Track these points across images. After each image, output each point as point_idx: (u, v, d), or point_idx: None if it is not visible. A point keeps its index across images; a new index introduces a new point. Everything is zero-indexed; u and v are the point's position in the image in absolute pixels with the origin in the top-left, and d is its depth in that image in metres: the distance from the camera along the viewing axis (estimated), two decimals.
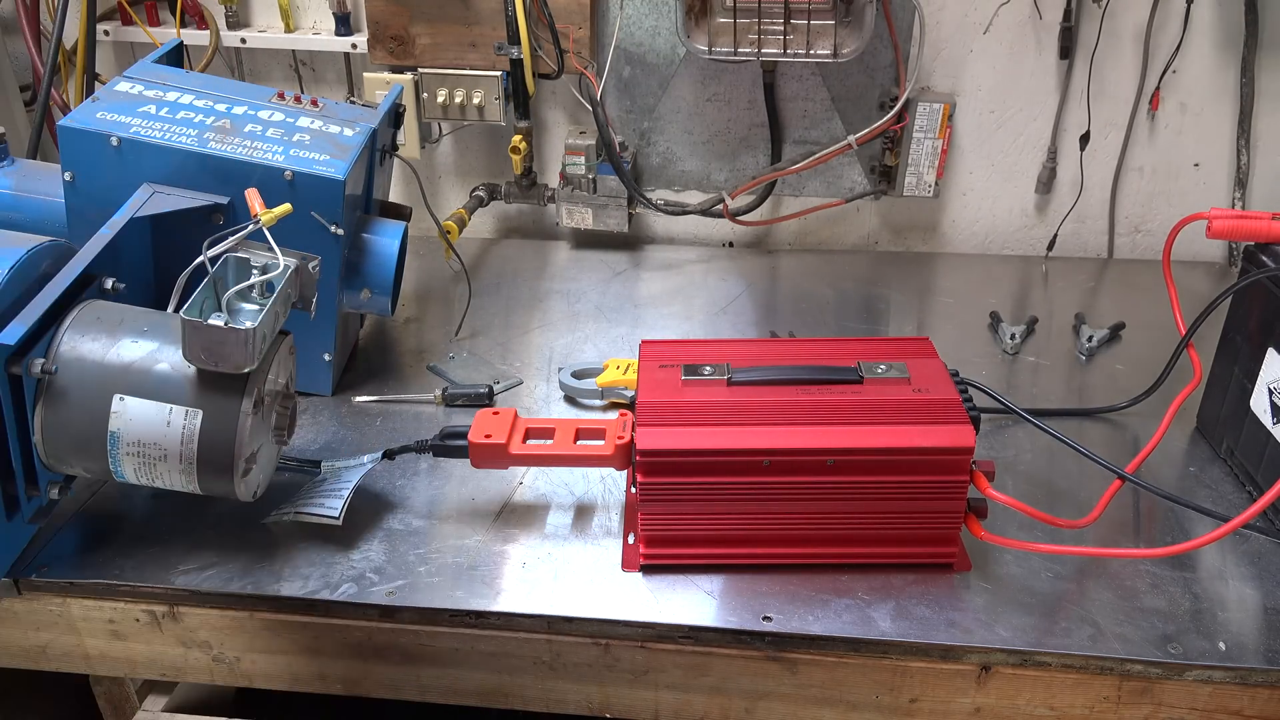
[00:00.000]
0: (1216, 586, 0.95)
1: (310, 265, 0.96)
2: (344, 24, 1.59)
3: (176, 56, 1.31)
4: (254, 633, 0.97)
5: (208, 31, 1.60)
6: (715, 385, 0.97)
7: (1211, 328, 1.10)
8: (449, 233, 1.54)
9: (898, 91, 1.54)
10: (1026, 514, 0.92)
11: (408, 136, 1.60)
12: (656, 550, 0.96)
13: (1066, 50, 1.53)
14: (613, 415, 1.19)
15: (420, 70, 1.57)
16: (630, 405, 1.01)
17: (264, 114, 1.16)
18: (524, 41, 1.51)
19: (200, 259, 0.89)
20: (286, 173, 1.09)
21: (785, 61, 1.53)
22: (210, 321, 0.85)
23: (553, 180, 1.71)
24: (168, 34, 1.60)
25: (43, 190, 1.13)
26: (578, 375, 1.26)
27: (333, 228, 1.11)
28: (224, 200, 1.09)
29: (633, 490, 1.05)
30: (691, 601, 0.94)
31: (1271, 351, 1.03)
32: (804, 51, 1.45)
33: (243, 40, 1.61)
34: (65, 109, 1.59)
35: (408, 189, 1.69)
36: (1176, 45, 1.51)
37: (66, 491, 0.96)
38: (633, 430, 0.94)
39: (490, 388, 1.25)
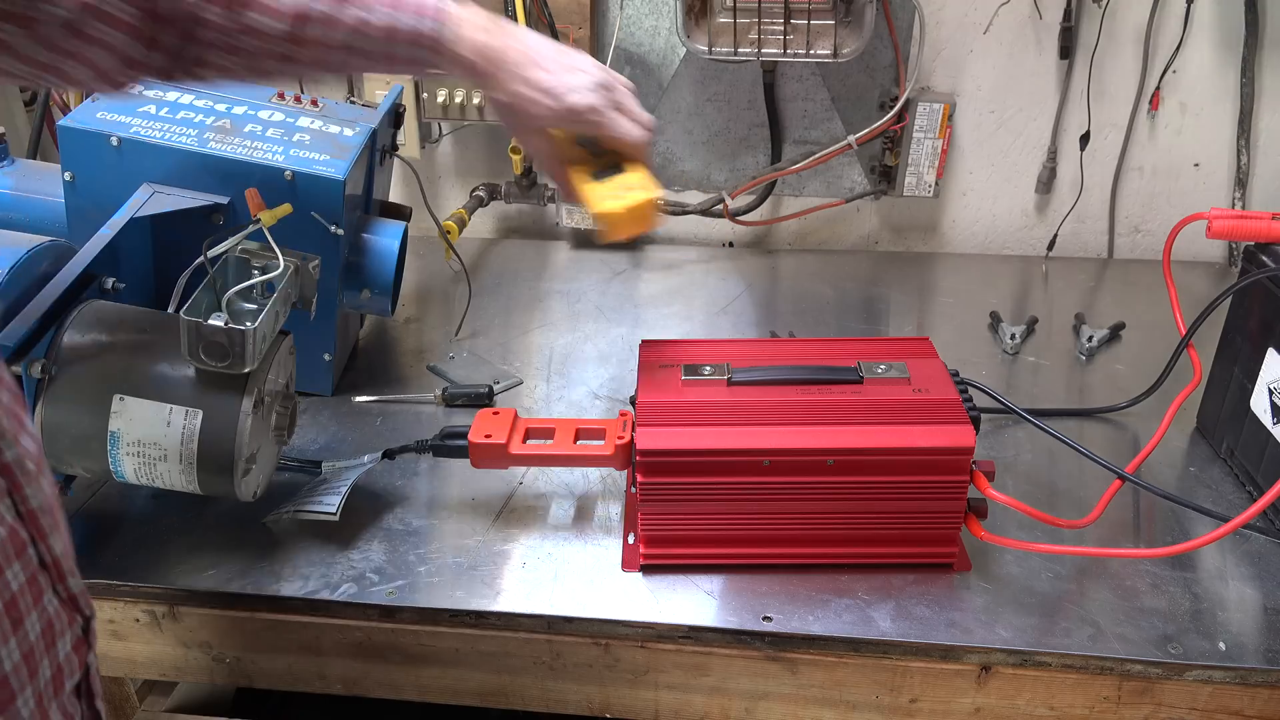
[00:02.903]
0: (1216, 586, 0.95)
1: (310, 265, 0.96)
2: None
3: None
4: (254, 633, 0.97)
5: None
6: (715, 385, 0.97)
7: (1211, 328, 1.10)
8: (449, 233, 1.53)
9: (898, 91, 1.54)
10: (1026, 514, 0.92)
11: (408, 136, 1.60)
12: (656, 550, 0.96)
13: (1066, 50, 1.53)
14: (613, 415, 1.19)
15: None
16: (630, 403, 1.01)
17: (264, 114, 1.16)
18: None
19: (200, 259, 0.89)
20: (286, 173, 1.09)
21: (785, 61, 1.53)
22: (210, 321, 0.85)
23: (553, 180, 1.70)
24: None
25: (43, 190, 1.13)
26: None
27: (333, 228, 1.11)
28: (224, 200, 1.08)
29: (633, 490, 1.04)
30: (691, 601, 0.94)
31: (1271, 351, 1.03)
32: (804, 51, 1.45)
33: None
34: (65, 109, 1.59)
35: (408, 189, 1.68)
36: (1176, 45, 1.51)
37: (66, 491, 0.96)
38: (633, 430, 0.94)
39: (490, 388, 1.24)
